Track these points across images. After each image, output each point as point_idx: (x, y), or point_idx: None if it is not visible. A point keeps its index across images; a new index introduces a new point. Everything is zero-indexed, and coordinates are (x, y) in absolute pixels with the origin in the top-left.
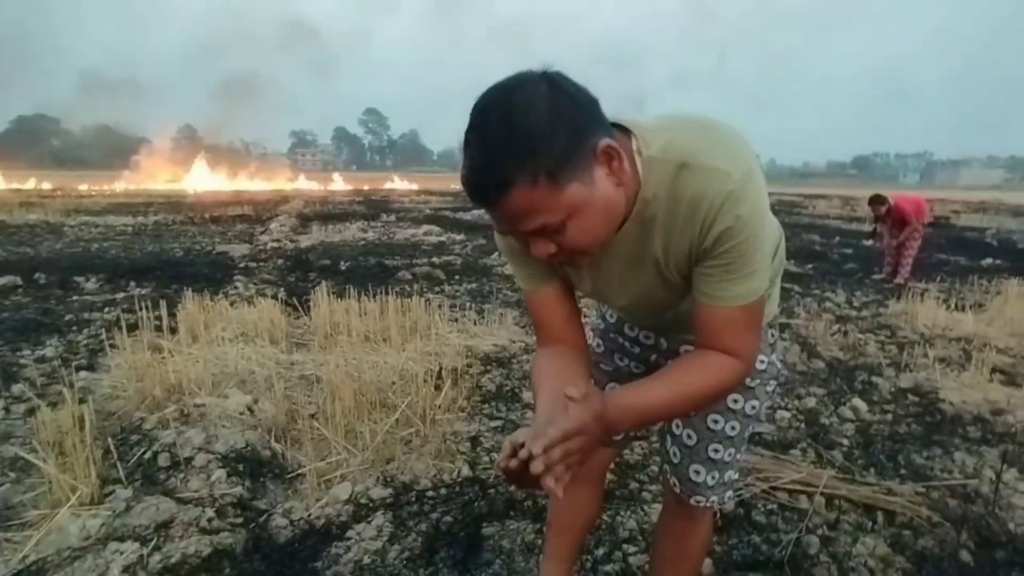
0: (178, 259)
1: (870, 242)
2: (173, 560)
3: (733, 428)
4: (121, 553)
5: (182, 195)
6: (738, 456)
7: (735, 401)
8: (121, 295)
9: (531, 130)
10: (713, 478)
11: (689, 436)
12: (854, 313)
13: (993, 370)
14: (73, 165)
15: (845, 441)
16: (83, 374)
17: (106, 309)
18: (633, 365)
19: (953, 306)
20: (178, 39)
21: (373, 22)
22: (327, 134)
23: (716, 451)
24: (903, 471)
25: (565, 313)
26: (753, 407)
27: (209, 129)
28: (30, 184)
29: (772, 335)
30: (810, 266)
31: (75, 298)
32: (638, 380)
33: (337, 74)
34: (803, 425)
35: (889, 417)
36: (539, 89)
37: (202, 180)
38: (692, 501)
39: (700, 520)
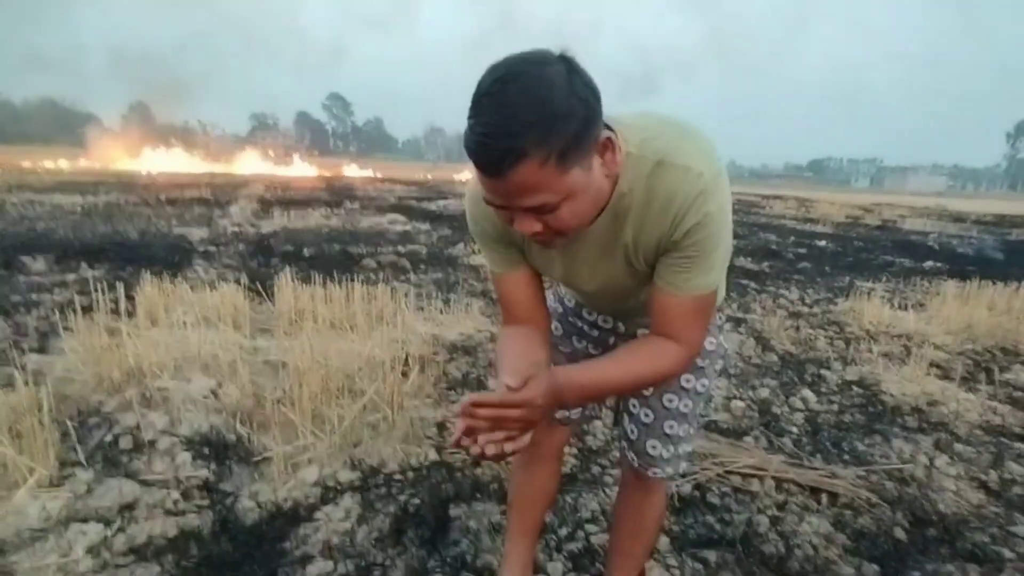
0: (133, 241)
1: None
2: (139, 541)
3: (686, 406)
4: (84, 534)
5: (134, 175)
6: (691, 431)
7: (687, 380)
8: (72, 277)
9: (553, 108)
10: (668, 451)
11: (646, 415)
12: (806, 310)
13: (930, 365)
14: (14, 139)
15: (795, 429)
16: (34, 357)
17: (56, 291)
18: (591, 347)
19: (896, 305)
20: (136, 16)
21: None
22: (289, 118)
23: (671, 427)
24: (846, 456)
25: (531, 296)
26: (704, 385)
27: (163, 107)
28: None
29: (720, 319)
30: (766, 264)
31: (21, 279)
32: (591, 359)
33: (302, 59)
34: (756, 414)
35: (835, 407)
36: (559, 70)
37: (156, 161)
38: (649, 473)
39: (656, 492)
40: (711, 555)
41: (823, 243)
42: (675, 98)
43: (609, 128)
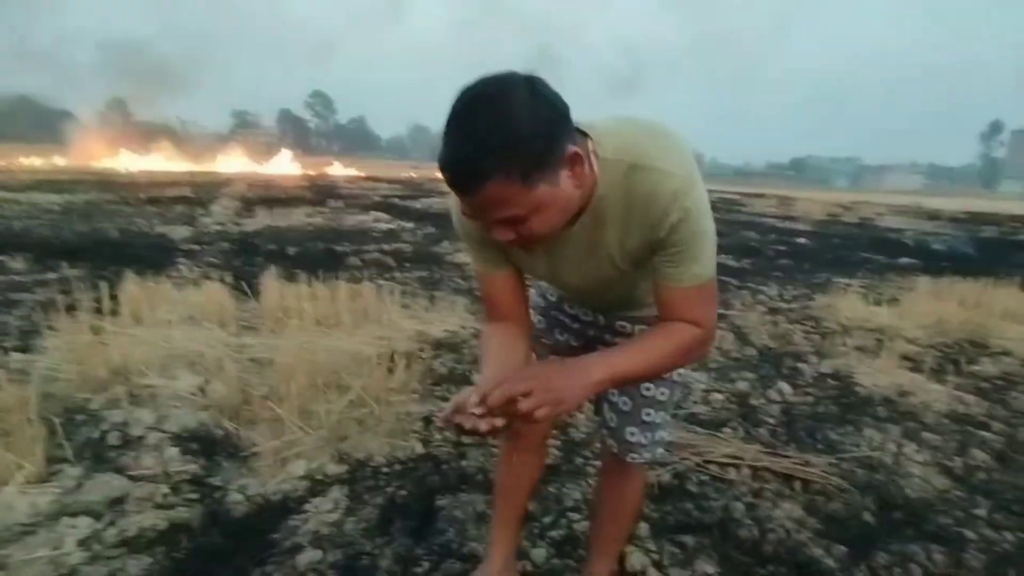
0: (114, 240)
1: None
2: (129, 534)
3: (663, 394)
4: (75, 527)
5: (113, 174)
6: (668, 418)
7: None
8: (52, 276)
9: (513, 132)
10: (646, 438)
11: (625, 403)
12: (784, 305)
13: (902, 357)
14: None
15: (771, 420)
16: (17, 356)
17: (36, 290)
18: (572, 339)
19: (872, 300)
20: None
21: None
22: (271, 116)
23: (648, 414)
24: (820, 445)
25: (514, 295)
26: (680, 374)
27: (141, 104)
28: None
29: None
30: (747, 261)
31: (0, 278)
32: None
33: (284, 56)
34: (734, 406)
35: (810, 399)
36: (522, 93)
37: (136, 159)
38: (628, 458)
39: (634, 477)
40: (689, 540)
41: (803, 240)
42: (659, 97)
43: (583, 134)
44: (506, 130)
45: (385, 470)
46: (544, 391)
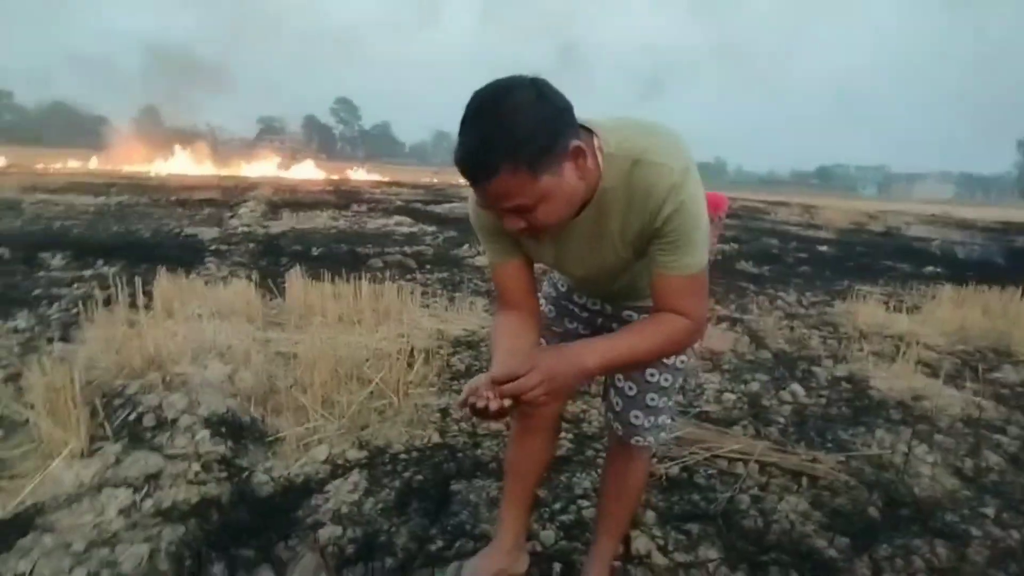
0: (145, 240)
1: None
2: (165, 505)
3: (666, 380)
4: (116, 498)
5: (145, 177)
6: (670, 404)
7: (668, 357)
8: (89, 272)
9: (518, 130)
10: (650, 421)
11: (630, 388)
12: (802, 311)
13: (919, 363)
14: (26, 141)
15: (782, 419)
16: (58, 345)
17: (75, 285)
18: (581, 327)
19: (892, 307)
20: (146, 20)
21: (348, 12)
22: (297, 121)
23: (652, 399)
24: (829, 445)
25: (524, 284)
26: (683, 361)
27: (173, 111)
28: None
29: None
30: (767, 268)
31: (42, 274)
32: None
33: (309, 62)
34: (746, 405)
35: (823, 401)
36: (528, 94)
37: (166, 164)
38: (632, 441)
39: (638, 458)
40: (694, 527)
41: (824, 248)
42: (682, 102)
43: (589, 131)
44: (512, 128)
45: (403, 457)
46: (542, 377)
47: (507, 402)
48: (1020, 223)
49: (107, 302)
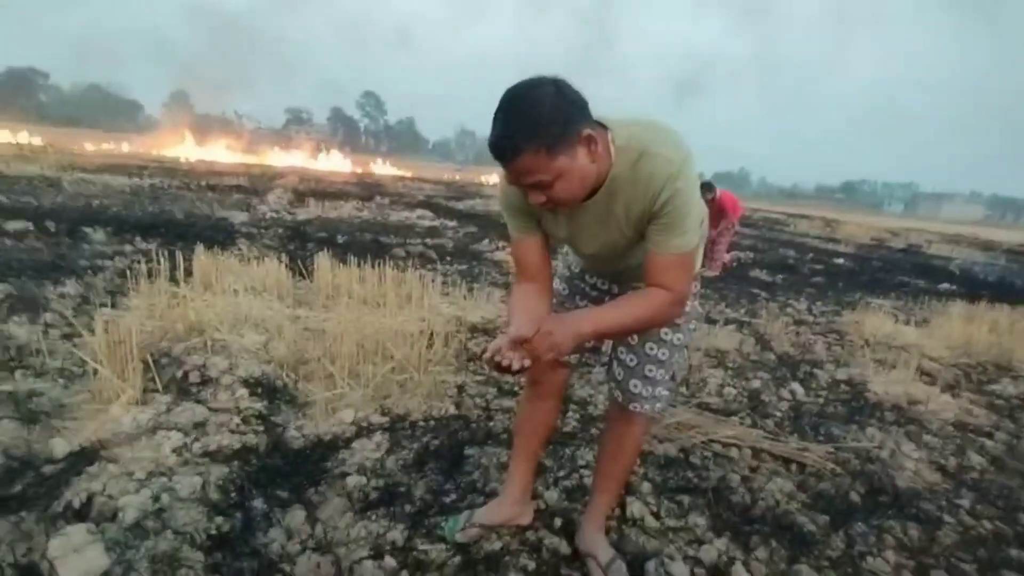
0: (179, 220)
1: None
2: (211, 448)
3: (664, 354)
4: (169, 439)
5: (175, 161)
6: (667, 377)
7: (666, 334)
8: (129, 247)
9: (538, 118)
10: (648, 391)
11: (631, 360)
12: (811, 319)
13: (921, 372)
14: (61, 122)
15: (779, 414)
16: (105, 311)
17: (116, 258)
18: (590, 305)
19: (901, 320)
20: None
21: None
22: (323, 114)
23: (650, 371)
24: (821, 438)
25: (540, 259)
26: (679, 339)
27: (202, 97)
28: (22, 138)
29: (695, 286)
30: (780, 277)
31: (85, 246)
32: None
33: (336, 55)
34: (745, 400)
35: (820, 400)
36: (548, 90)
37: (197, 149)
38: (631, 407)
39: (636, 424)
40: (685, 498)
41: (841, 261)
42: (713, 111)
43: (602, 126)
44: (533, 116)
45: (421, 424)
46: (546, 337)
47: (527, 361)
48: None
49: (149, 275)
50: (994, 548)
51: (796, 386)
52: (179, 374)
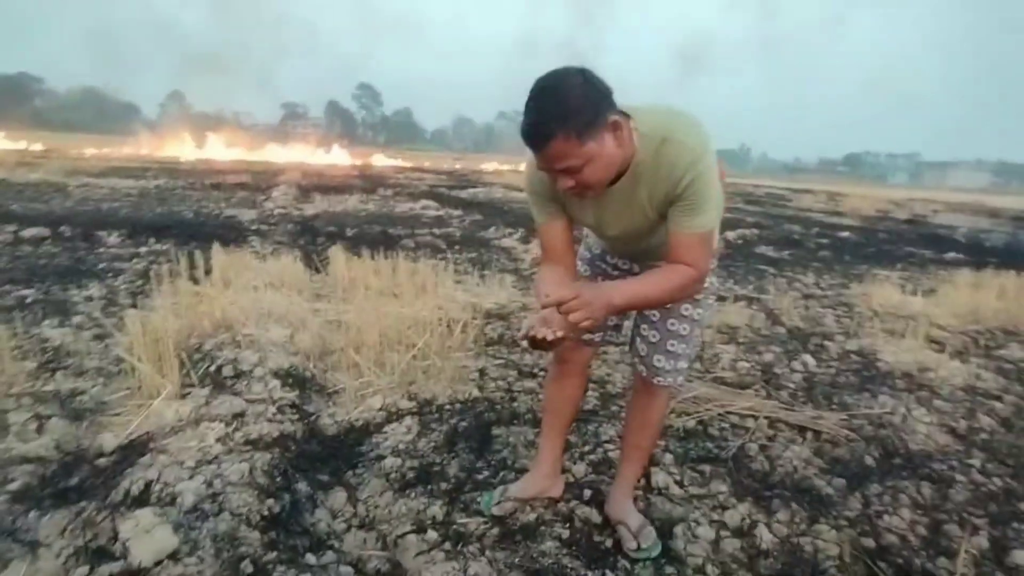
0: (190, 220)
1: None
2: (252, 436)
3: (685, 329)
4: (212, 429)
5: (176, 162)
6: (688, 351)
7: (687, 309)
8: (144, 249)
9: (568, 105)
10: (670, 365)
11: (654, 335)
12: (819, 292)
13: (930, 340)
14: (57, 127)
15: (792, 385)
16: (130, 311)
17: (134, 260)
18: None
19: (909, 290)
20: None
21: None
22: (319, 107)
23: (672, 345)
24: (835, 407)
25: (565, 242)
26: (699, 314)
27: (199, 97)
28: (22, 144)
29: (713, 263)
30: (787, 252)
31: (102, 250)
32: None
33: (331, 48)
34: (759, 373)
35: (832, 370)
36: (576, 80)
37: (196, 149)
38: (655, 381)
39: (659, 396)
40: (706, 468)
41: (846, 234)
42: (715, 86)
43: (626, 115)
44: (564, 104)
45: (448, 407)
46: (581, 303)
47: (560, 332)
48: None
49: (169, 274)
50: (1004, 503)
51: (808, 358)
52: (213, 368)
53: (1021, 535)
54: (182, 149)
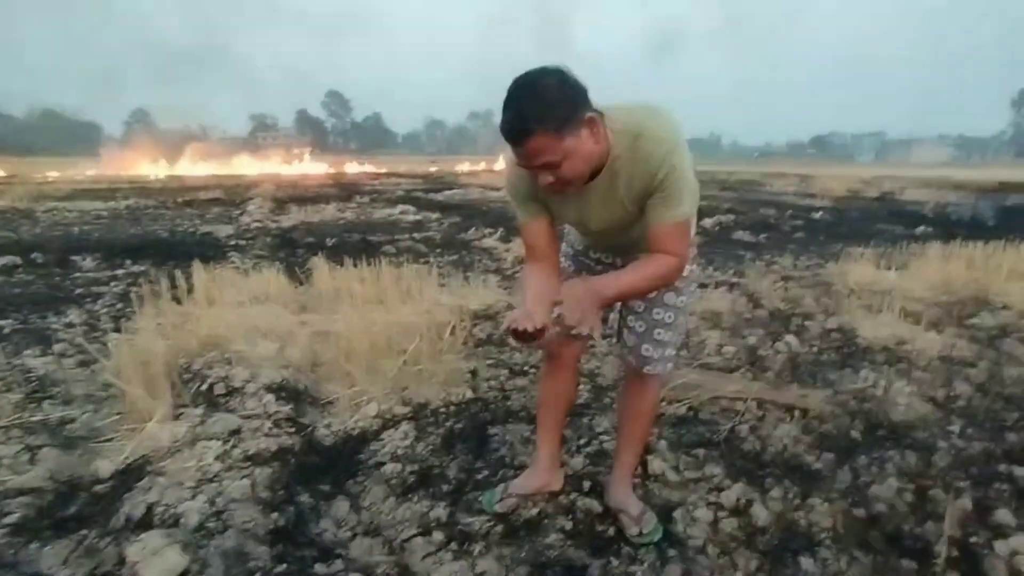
0: (166, 239)
1: None
2: (251, 452)
3: (670, 317)
4: (210, 448)
5: (146, 180)
6: (674, 339)
7: (670, 298)
8: (121, 271)
9: (546, 102)
10: (658, 353)
11: (641, 326)
12: (797, 273)
13: (905, 313)
14: (18, 151)
15: (777, 366)
16: (113, 335)
17: (112, 283)
18: None
19: (882, 266)
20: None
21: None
22: (288, 117)
23: (659, 334)
24: (819, 384)
25: (549, 241)
26: (683, 301)
27: (163, 113)
28: None
29: (693, 251)
30: (763, 236)
31: (77, 275)
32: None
33: (299, 57)
34: (744, 356)
35: (815, 349)
36: (553, 78)
37: (165, 166)
38: (645, 370)
39: (649, 384)
40: (700, 452)
41: (819, 215)
42: (681, 74)
43: (600, 113)
44: (542, 101)
45: (443, 410)
46: (572, 300)
47: (541, 324)
48: (1015, 183)
49: (150, 295)
50: (985, 465)
51: (790, 338)
52: (204, 387)
53: (1003, 495)
54: (151, 167)
